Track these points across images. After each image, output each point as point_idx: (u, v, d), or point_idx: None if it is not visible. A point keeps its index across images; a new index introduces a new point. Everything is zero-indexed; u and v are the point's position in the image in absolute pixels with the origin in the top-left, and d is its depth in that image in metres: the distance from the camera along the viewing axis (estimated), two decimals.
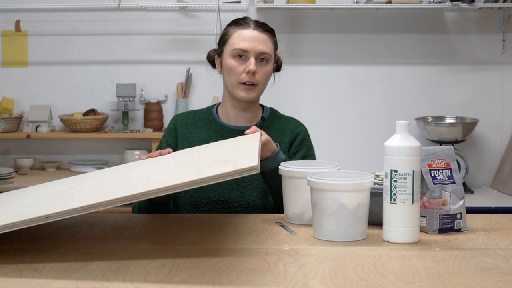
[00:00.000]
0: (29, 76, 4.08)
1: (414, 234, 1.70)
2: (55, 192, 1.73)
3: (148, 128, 3.99)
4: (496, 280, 1.40)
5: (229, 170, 1.44)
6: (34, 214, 1.43)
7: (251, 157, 1.56)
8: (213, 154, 1.77)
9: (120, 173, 1.83)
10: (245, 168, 1.43)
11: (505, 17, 4.03)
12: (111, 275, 1.41)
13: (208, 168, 1.54)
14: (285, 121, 2.35)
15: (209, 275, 1.41)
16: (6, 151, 4.09)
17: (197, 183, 1.42)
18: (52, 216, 1.39)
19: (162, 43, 4.07)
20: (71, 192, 1.66)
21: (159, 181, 1.51)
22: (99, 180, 1.78)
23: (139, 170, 1.81)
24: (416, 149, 1.69)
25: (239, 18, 2.29)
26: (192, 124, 2.30)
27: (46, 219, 1.40)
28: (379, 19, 4.06)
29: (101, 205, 1.41)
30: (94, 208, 1.41)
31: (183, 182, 1.43)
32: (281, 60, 2.35)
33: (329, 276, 1.42)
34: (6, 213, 1.60)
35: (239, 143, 1.88)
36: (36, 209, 1.54)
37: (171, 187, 1.42)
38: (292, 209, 1.92)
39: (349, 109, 4.10)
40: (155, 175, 1.65)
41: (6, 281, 1.38)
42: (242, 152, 1.69)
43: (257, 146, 1.75)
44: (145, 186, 1.47)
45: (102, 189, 1.60)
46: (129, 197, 1.41)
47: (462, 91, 4.09)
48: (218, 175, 1.44)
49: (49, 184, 1.99)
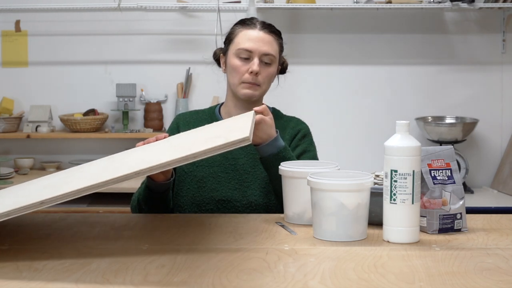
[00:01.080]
0: (29, 76, 4.08)
1: (414, 234, 1.70)
2: (51, 182, 1.72)
3: (148, 128, 3.99)
4: (496, 280, 1.40)
5: (220, 143, 1.43)
6: (29, 201, 1.42)
7: (242, 129, 1.55)
8: (207, 132, 1.78)
9: (116, 159, 1.83)
10: (236, 140, 1.42)
11: (505, 17, 4.03)
12: (111, 275, 1.41)
13: (200, 144, 1.54)
14: (286, 120, 2.35)
15: (209, 275, 1.41)
16: (6, 151, 4.09)
17: (189, 158, 1.41)
18: (47, 201, 1.38)
19: (162, 43, 4.07)
20: (66, 180, 1.66)
21: (152, 161, 1.50)
22: (96, 167, 1.77)
23: (136, 155, 1.81)
24: (416, 149, 1.69)
25: (246, 18, 2.30)
26: (195, 123, 2.30)
27: (41, 205, 1.38)
28: (379, 19, 4.06)
29: (94, 187, 1.39)
30: (88, 190, 1.38)
31: (175, 158, 1.42)
32: (286, 62, 2.35)
33: (329, 276, 1.42)
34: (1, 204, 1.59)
35: (233, 121, 1.89)
36: (31, 197, 1.53)
37: (163, 164, 1.41)
38: (292, 209, 1.92)
39: (349, 109, 4.10)
40: (149, 156, 1.65)
41: (6, 281, 1.38)
42: (234, 128, 1.69)
43: (250, 121, 1.75)
44: (138, 166, 1.46)
45: (98, 173, 1.59)
46: (123, 177, 1.40)
47: (462, 91, 4.09)
48: (209, 149, 1.42)
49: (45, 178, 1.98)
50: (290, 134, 2.29)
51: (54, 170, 3.99)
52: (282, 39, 2.30)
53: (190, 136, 1.87)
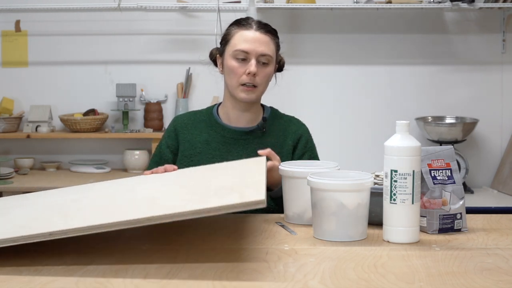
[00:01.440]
0: (29, 76, 4.08)
1: (414, 234, 1.70)
2: (60, 204, 1.73)
3: (148, 128, 3.99)
4: (496, 280, 1.40)
5: (235, 202, 1.42)
6: (38, 230, 1.44)
7: (258, 188, 1.54)
8: (219, 177, 1.77)
9: (125, 190, 1.83)
10: (252, 201, 1.41)
11: (505, 17, 4.03)
12: (111, 275, 1.41)
13: (214, 196, 1.53)
14: (286, 120, 2.35)
15: (209, 275, 1.41)
16: (6, 151, 4.09)
17: (203, 212, 1.41)
18: (56, 233, 1.41)
19: (162, 43, 4.07)
20: (75, 207, 1.66)
21: (164, 206, 1.51)
22: (103, 196, 1.77)
23: (144, 188, 1.81)
24: (416, 149, 1.69)
25: (241, 18, 2.29)
26: (193, 125, 2.30)
27: (49, 236, 1.42)
28: (379, 19, 4.05)
29: (104, 226, 1.41)
30: (98, 229, 1.41)
31: (189, 210, 1.42)
32: (283, 61, 2.35)
33: (329, 276, 1.42)
34: (10, 223, 1.60)
35: (245, 168, 1.87)
36: (39, 223, 1.54)
37: (175, 214, 1.42)
38: (292, 209, 1.92)
39: (349, 109, 4.09)
40: (159, 196, 1.64)
41: (6, 281, 1.38)
42: (248, 180, 1.67)
43: (264, 174, 1.74)
44: (150, 210, 1.47)
45: (107, 208, 1.60)
46: (133, 221, 1.42)
47: (462, 91, 4.09)
48: (223, 206, 1.42)
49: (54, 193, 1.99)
50: (291, 139, 2.29)
51: (54, 170, 3.99)
52: (278, 38, 2.29)
53: (200, 175, 1.85)
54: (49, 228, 1.44)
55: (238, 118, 2.29)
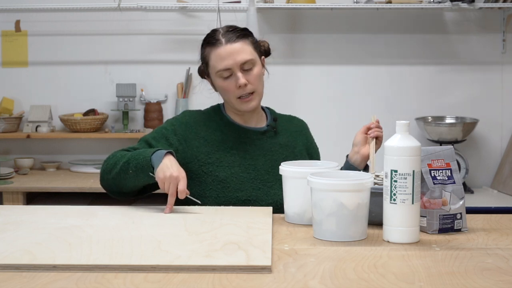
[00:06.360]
0: (29, 76, 4.08)
1: (414, 234, 1.70)
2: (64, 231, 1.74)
3: (148, 128, 3.99)
4: (496, 280, 1.40)
5: (241, 264, 1.45)
6: (42, 260, 1.47)
7: (264, 250, 1.56)
8: (224, 228, 1.78)
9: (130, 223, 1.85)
10: (257, 266, 1.44)
11: (505, 17, 4.03)
12: (111, 275, 1.41)
13: (219, 250, 1.55)
14: (288, 120, 2.37)
15: (209, 275, 1.41)
16: (6, 151, 4.09)
17: (207, 269, 1.44)
18: (60, 267, 1.45)
19: (162, 43, 4.07)
20: (79, 236, 1.69)
21: (169, 253, 1.53)
22: (107, 228, 1.79)
23: (149, 225, 1.83)
24: (416, 149, 1.69)
25: (209, 35, 2.27)
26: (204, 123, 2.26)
27: (53, 268, 1.45)
28: (379, 19, 4.05)
29: (108, 268, 1.44)
30: (101, 269, 1.44)
31: (194, 265, 1.45)
32: (267, 44, 2.31)
33: (329, 276, 1.42)
34: (12, 244, 1.61)
35: (251, 220, 1.87)
36: (43, 249, 1.56)
37: (180, 266, 1.44)
38: (292, 209, 1.92)
39: (349, 109, 4.09)
40: (164, 240, 1.65)
41: (6, 281, 1.38)
42: (255, 238, 1.67)
43: (270, 231, 1.75)
44: (154, 258, 1.49)
45: (111, 244, 1.61)
46: (137, 266, 1.45)
47: (462, 91, 4.09)
48: (229, 266, 1.45)
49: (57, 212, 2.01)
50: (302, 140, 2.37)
51: (54, 170, 3.99)
52: (250, 33, 2.25)
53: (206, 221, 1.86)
54: (53, 260, 1.47)
55: (247, 120, 2.29)
